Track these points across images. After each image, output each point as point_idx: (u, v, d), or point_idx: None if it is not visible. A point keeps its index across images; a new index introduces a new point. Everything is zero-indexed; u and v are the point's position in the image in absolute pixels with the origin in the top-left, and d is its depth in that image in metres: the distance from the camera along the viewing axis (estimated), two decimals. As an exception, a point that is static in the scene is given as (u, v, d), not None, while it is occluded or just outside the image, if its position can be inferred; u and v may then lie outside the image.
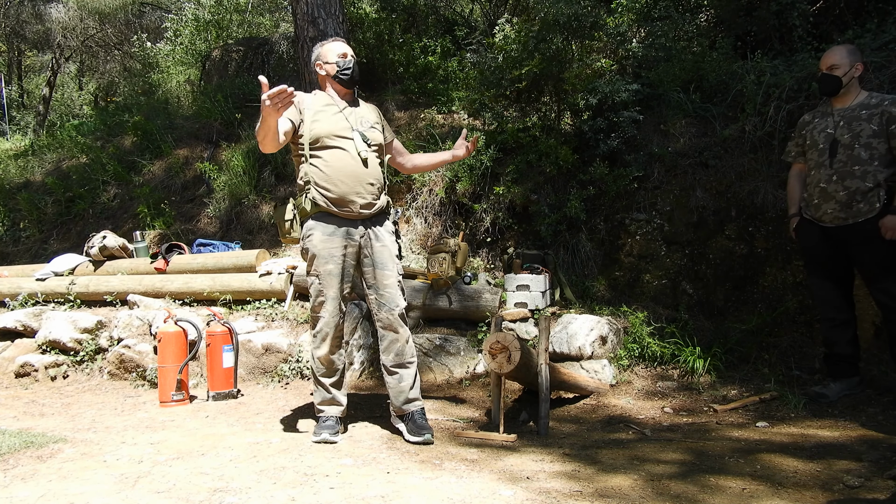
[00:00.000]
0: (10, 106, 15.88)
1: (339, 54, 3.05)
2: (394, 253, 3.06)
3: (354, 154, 2.95)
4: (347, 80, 3.05)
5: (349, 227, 2.96)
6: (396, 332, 3.01)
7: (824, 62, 3.34)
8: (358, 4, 8.04)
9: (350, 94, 3.12)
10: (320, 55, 3.09)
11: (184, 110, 8.38)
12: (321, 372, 3.03)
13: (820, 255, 3.39)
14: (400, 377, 3.02)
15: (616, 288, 4.56)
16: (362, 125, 3.03)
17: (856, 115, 3.25)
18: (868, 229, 3.18)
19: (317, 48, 3.13)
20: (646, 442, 2.90)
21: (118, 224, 6.67)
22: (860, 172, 3.19)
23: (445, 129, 6.07)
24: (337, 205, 2.92)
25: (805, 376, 3.65)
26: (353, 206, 2.94)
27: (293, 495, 2.24)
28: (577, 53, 5.09)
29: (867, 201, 3.19)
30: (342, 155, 2.93)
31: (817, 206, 3.35)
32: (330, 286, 2.93)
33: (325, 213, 2.94)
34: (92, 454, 2.82)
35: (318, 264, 2.93)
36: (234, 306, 4.92)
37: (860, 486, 2.26)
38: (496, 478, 2.42)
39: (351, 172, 2.93)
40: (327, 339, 2.96)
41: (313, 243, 2.93)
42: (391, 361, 3.02)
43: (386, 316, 3.00)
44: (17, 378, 4.64)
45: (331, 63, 3.04)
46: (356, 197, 2.93)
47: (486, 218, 5.14)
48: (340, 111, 3.02)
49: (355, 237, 2.97)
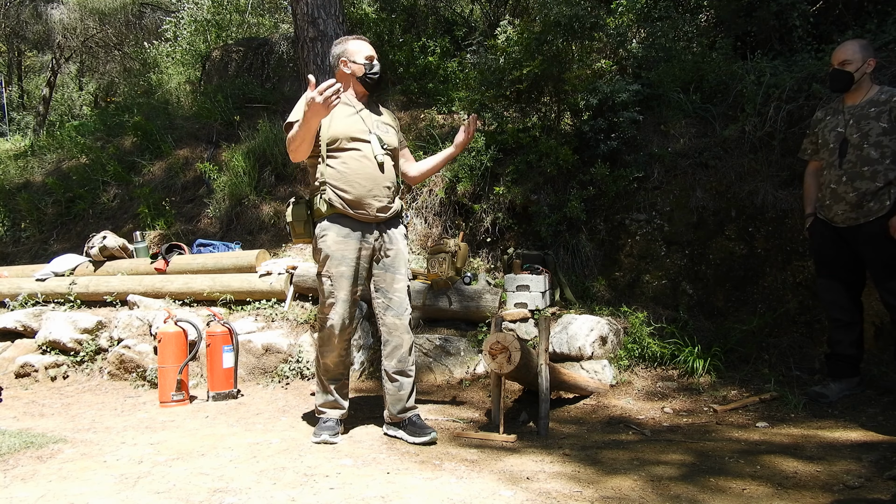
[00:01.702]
0: (10, 106, 15.88)
1: (367, 56, 3.00)
2: (406, 257, 3.04)
3: (371, 157, 2.92)
4: (373, 84, 3.03)
5: (364, 230, 2.93)
6: (401, 338, 2.98)
7: (836, 57, 3.25)
8: (358, 4, 8.04)
9: (367, 95, 3.09)
10: (346, 52, 3.01)
11: (184, 111, 8.38)
12: (325, 374, 3.01)
13: (831, 256, 3.35)
14: (400, 385, 2.99)
15: (616, 288, 4.56)
16: (379, 127, 3.01)
17: (864, 113, 3.19)
18: (878, 228, 3.13)
19: (341, 44, 3.05)
20: (646, 442, 2.90)
21: (118, 224, 6.67)
22: (870, 173, 3.14)
23: (446, 129, 6.07)
24: (353, 207, 2.89)
25: (805, 376, 3.65)
26: (370, 209, 2.91)
27: (293, 496, 2.24)
28: (577, 54, 5.09)
29: (878, 200, 3.14)
30: (359, 157, 2.90)
31: (829, 206, 3.31)
32: (341, 288, 2.90)
33: (341, 214, 2.91)
34: (92, 454, 2.82)
35: (330, 265, 2.90)
36: (234, 307, 4.92)
37: (860, 487, 2.26)
38: (496, 478, 2.42)
39: (368, 175, 2.90)
40: (335, 341, 2.94)
41: (327, 244, 2.89)
42: (393, 368, 2.99)
43: (393, 321, 2.98)
44: (17, 378, 4.64)
45: (358, 64, 2.99)
46: (373, 200, 2.91)
47: (486, 218, 5.14)
48: (357, 112, 2.99)
49: (370, 240, 2.95)
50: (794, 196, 4.15)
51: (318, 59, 6.36)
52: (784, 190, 4.24)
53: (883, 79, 4.05)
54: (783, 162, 4.34)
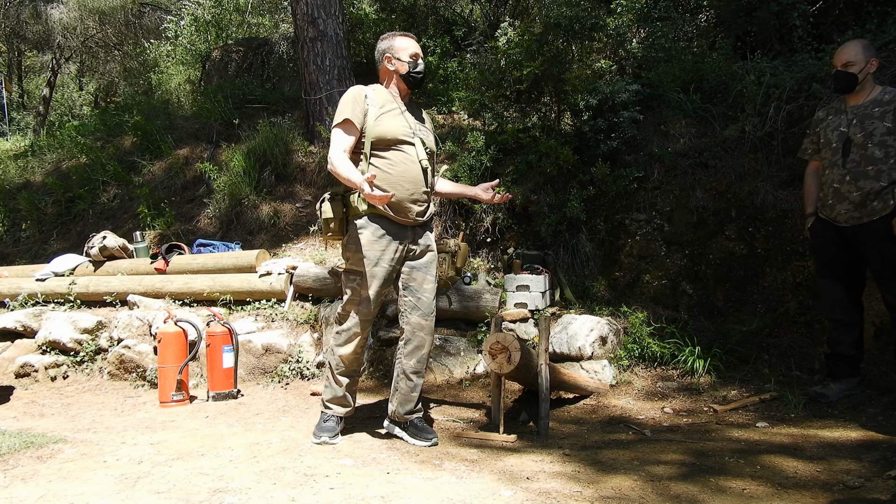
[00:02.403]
0: (11, 106, 15.88)
1: (412, 54, 2.95)
2: (436, 260, 3.03)
3: (416, 160, 2.88)
4: (416, 83, 2.99)
5: (401, 232, 2.89)
6: (424, 340, 2.97)
7: (839, 58, 3.24)
8: (358, 4, 8.04)
9: (409, 94, 3.05)
10: (392, 48, 2.96)
11: (184, 111, 8.38)
12: (340, 370, 2.96)
13: (832, 256, 3.34)
14: (414, 385, 2.98)
15: (616, 288, 4.56)
16: (421, 130, 2.97)
17: (868, 113, 3.19)
18: (881, 227, 3.13)
19: (387, 39, 3.00)
20: (646, 442, 2.90)
21: (118, 224, 6.67)
22: (874, 172, 3.14)
23: (446, 129, 6.07)
24: (394, 210, 2.84)
25: (805, 376, 3.65)
26: (410, 213, 2.88)
27: (293, 496, 2.25)
28: (577, 54, 5.10)
29: (881, 199, 3.13)
30: (405, 159, 2.86)
31: (831, 206, 3.30)
32: (371, 287, 2.85)
33: (380, 215, 2.85)
34: (92, 454, 2.82)
35: (363, 264, 2.84)
36: (233, 307, 4.92)
37: (860, 487, 2.26)
38: (496, 478, 2.42)
39: (413, 178, 2.86)
40: (356, 338, 2.91)
41: (363, 243, 2.83)
42: (412, 368, 2.97)
43: (419, 321, 2.96)
44: (17, 378, 4.64)
45: (403, 61, 2.93)
46: (414, 204, 2.88)
47: (486, 218, 5.14)
48: (402, 113, 2.93)
49: (405, 242, 2.91)
50: (794, 196, 4.16)
51: (318, 59, 6.36)
52: (784, 190, 4.24)
53: (883, 78, 4.05)
54: (783, 162, 4.34)
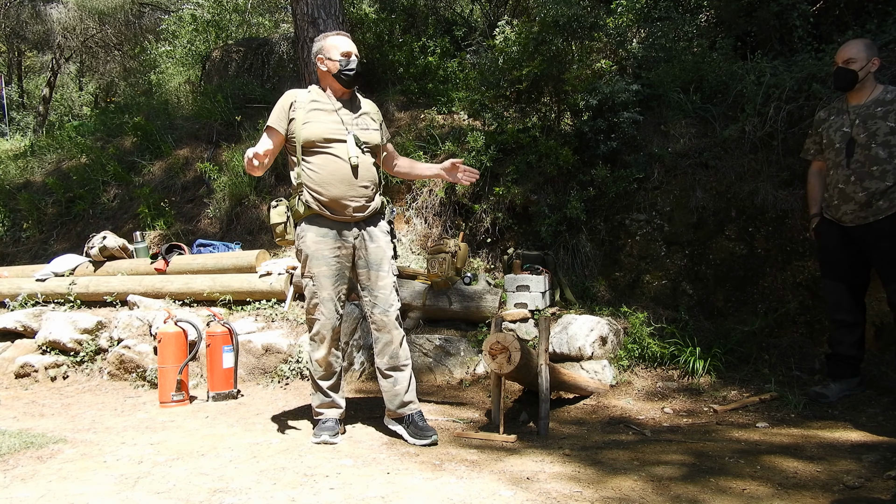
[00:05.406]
0: (10, 106, 15.87)
1: (342, 52, 2.95)
2: (388, 254, 3.03)
3: (346, 158, 2.90)
4: (348, 81, 2.98)
5: (342, 229, 2.94)
6: (390, 334, 2.98)
7: (840, 56, 3.24)
8: (358, 5, 8.03)
9: (349, 92, 3.05)
10: (322, 49, 2.98)
11: (184, 111, 8.38)
12: (319, 374, 3.01)
13: (837, 257, 3.34)
14: (395, 380, 2.99)
15: (616, 288, 4.56)
16: (357, 125, 2.98)
17: (871, 113, 3.18)
18: (887, 226, 3.12)
19: (319, 40, 3.02)
20: (646, 443, 2.90)
21: (118, 224, 6.67)
22: (879, 172, 3.14)
23: (446, 129, 6.07)
24: (329, 208, 2.90)
25: (805, 377, 3.65)
26: (346, 210, 2.91)
27: (293, 496, 2.25)
28: (577, 54, 5.09)
29: (887, 198, 3.13)
30: (334, 160, 2.89)
31: (837, 206, 3.29)
32: (324, 287, 2.92)
33: (318, 215, 2.92)
34: (92, 455, 2.82)
35: (311, 266, 2.92)
36: (234, 307, 4.92)
37: (860, 487, 2.26)
38: (496, 479, 2.42)
39: (343, 177, 2.89)
40: (324, 341, 2.95)
41: (307, 245, 2.92)
42: (385, 364, 3.00)
43: (380, 317, 2.98)
44: (17, 378, 4.64)
45: (333, 60, 2.95)
46: (349, 201, 2.91)
47: (486, 218, 5.14)
48: (335, 111, 2.96)
49: (349, 239, 2.95)
50: (794, 196, 4.16)
51: (318, 59, 6.36)
52: (784, 190, 4.24)
53: (883, 78, 4.04)
54: (783, 162, 4.34)
